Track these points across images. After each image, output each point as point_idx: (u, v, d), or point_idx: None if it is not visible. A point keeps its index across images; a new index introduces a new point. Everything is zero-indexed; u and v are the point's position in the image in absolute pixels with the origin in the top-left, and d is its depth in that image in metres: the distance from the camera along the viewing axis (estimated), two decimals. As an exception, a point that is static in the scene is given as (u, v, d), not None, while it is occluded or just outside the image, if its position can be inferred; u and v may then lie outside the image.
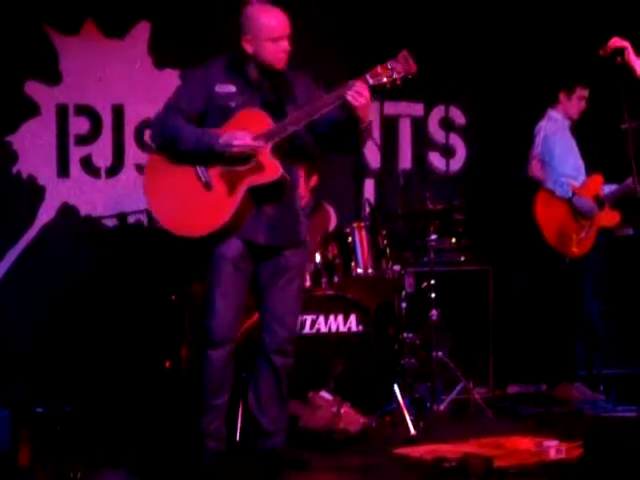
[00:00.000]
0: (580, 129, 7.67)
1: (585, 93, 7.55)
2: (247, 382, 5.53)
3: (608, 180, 7.47)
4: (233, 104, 5.17)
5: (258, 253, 5.28)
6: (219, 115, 5.17)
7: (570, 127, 7.59)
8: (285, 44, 5.20)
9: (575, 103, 7.56)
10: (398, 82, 5.10)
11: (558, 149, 7.48)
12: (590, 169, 7.53)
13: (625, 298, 7.68)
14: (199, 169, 5.15)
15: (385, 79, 5.08)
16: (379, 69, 5.07)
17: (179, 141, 5.13)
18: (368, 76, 5.08)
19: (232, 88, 5.20)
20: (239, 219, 5.14)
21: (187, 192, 5.16)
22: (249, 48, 5.21)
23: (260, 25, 5.19)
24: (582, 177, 7.54)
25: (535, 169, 7.41)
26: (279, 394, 5.40)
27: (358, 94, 5.03)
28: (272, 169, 5.12)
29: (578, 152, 7.58)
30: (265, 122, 5.16)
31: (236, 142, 5.03)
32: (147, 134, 5.23)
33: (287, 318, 5.39)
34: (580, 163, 7.56)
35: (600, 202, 7.38)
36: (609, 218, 7.47)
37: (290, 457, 5.34)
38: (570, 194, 7.33)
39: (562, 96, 7.55)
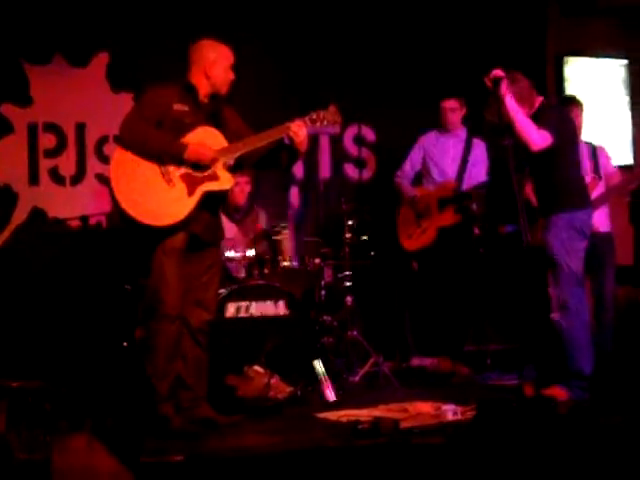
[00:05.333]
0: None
1: (450, 104, 7.50)
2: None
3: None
4: (187, 120, 5.19)
5: (194, 246, 5.25)
6: (174, 127, 5.15)
7: (449, 137, 7.58)
8: (231, 74, 5.33)
9: (444, 115, 7.52)
10: (327, 128, 5.58)
11: (432, 159, 7.52)
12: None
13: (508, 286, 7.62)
14: (163, 168, 5.10)
15: (318, 124, 5.40)
16: (314, 115, 5.38)
17: (147, 144, 5.08)
18: (307, 118, 5.34)
19: (186, 107, 5.22)
20: (192, 216, 5.13)
21: (151, 186, 5.09)
22: (200, 76, 5.28)
23: (214, 56, 5.28)
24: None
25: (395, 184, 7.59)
26: (203, 367, 5.41)
27: (299, 130, 5.26)
28: (226, 180, 5.22)
29: (453, 160, 7.52)
30: (219, 140, 5.23)
31: (203, 157, 5.10)
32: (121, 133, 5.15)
33: (212, 303, 5.44)
34: (449, 169, 7.48)
35: (442, 204, 7.31)
36: (446, 219, 7.31)
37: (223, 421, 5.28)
38: (407, 198, 7.47)
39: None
